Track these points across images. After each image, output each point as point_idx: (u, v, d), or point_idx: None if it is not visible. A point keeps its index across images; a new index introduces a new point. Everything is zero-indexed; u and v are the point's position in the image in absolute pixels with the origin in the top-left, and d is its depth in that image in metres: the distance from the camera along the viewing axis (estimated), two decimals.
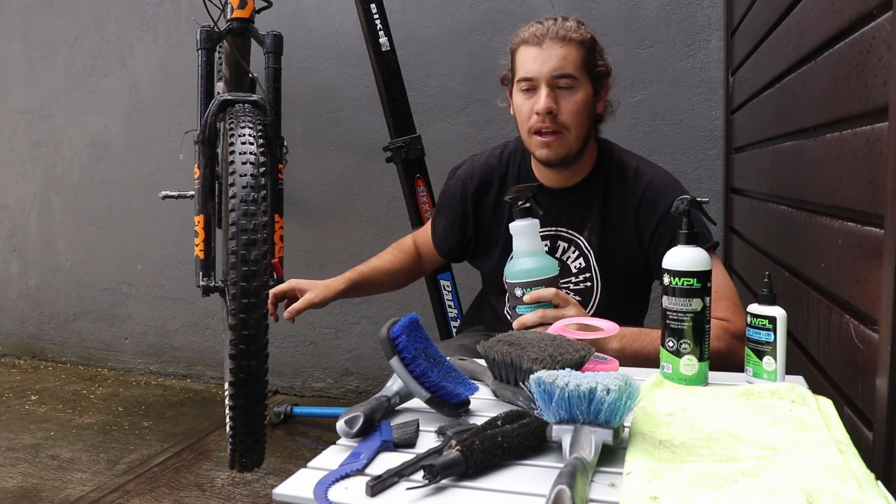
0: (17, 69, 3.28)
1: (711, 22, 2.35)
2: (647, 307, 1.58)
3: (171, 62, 2.99)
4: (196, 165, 1.93)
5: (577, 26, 1.38)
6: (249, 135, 1.60)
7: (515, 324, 1.24)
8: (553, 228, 1.45)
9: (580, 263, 1.44)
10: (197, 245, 1.92)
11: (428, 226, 1.69)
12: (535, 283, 1.24)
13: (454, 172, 1.59)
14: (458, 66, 2.59)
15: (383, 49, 2.14)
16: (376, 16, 2.13)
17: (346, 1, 2.25)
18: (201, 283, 1.89)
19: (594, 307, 1.44)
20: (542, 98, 1.34)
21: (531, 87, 1.36)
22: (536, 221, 1.28)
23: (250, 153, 1.56)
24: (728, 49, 2.31)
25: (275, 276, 1.90)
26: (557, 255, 1.45)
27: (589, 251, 1.44)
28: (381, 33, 2.13)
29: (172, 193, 2.44)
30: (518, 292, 1.25)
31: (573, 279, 1.44)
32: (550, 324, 1.18)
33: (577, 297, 1.40)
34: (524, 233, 1.27)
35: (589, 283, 1.44)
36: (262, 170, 1.55)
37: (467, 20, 2.57)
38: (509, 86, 1.45)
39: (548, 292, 1.23)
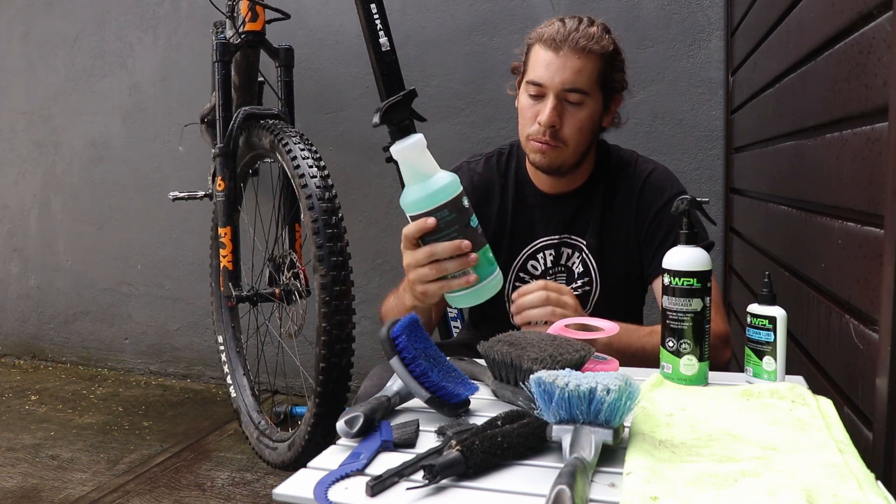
0: (17, 69, 3.28)
1: (711, 22, 2.35)
2: (641, 305, 1.56)
3: (171, 62, 2.99)
4: (220, 178, 1.96)
5: (601, 35, 1.29)
6: (306, 144, 1.79)
7: (514, 309, 1.22)
8: (557, 236, 1.43)
9: (580, 268, 1.43)
10: (225, 256, 1.95)
11: None
12: (440, 207, 1.05)
13: None
14: (458, 66, 2.59)
15: (383, 49, 2.13)
16: (376, 16, 2.13)
17: (346, 1, 2.25)
18: (233, 293, 1.94)
19: (590, 310, 1.43)
20: (546, 111, 1.29)
21: (539, 94, 1.31)
22: (421, 136, 1.08)
23: (313, 158, 1.75)
24: (728, 49, 2.31)
25: (303, 284, 1.92)
26: (562, 261, 1.44)
27: (589, 255, 1.43)
28: (381, 33, 2.13)
29: (182, 195, 2.44)
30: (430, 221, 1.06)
31: (574, 284, 1.44)
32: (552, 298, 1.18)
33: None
34: (411, 154, 1.07)
35: (588, 287, 1.43)
36: (325, 172, 1.74)
37: (467, 20, 2.57)
38: (519, 78, 1.40)
39: (535, 287, 1.21)
